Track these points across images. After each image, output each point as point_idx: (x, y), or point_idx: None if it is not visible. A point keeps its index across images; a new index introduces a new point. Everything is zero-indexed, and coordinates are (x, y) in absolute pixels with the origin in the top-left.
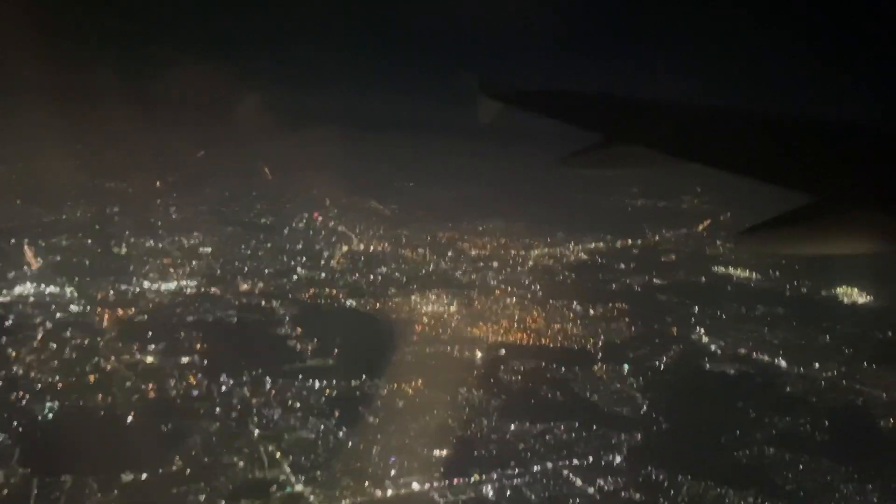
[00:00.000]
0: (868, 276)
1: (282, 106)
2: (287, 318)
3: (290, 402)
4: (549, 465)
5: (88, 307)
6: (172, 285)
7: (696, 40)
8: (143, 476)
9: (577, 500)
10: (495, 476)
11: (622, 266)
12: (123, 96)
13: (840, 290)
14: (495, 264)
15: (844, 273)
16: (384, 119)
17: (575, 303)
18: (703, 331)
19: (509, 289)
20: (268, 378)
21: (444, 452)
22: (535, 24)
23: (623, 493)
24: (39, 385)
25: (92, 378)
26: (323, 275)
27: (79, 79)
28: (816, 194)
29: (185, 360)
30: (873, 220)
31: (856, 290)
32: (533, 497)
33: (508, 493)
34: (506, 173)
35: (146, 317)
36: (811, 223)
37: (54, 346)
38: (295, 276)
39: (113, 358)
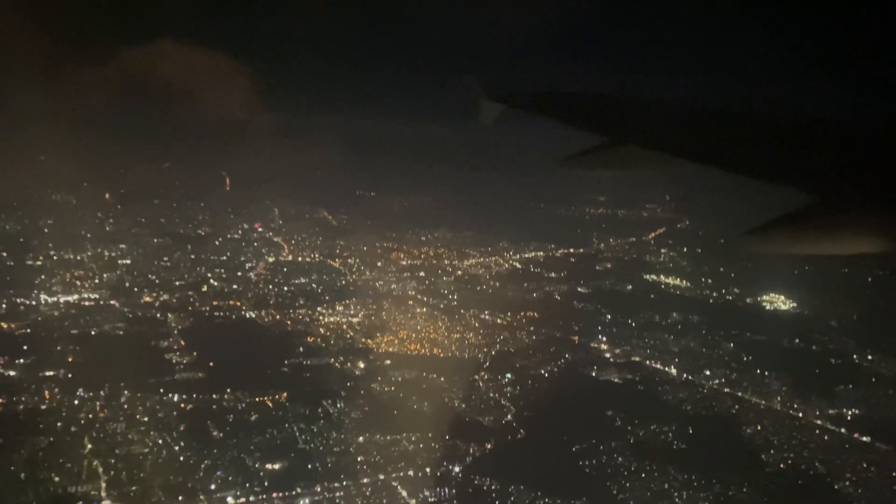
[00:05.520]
0: (806, 283)
1: (265, 116)
2: (176, 331)
3: (138, 417)
4: (381, 476)
5: None
6: (72, 298)
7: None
8: None
9: None
10: (319, 489)
11: (552, 274)
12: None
13: (766, 298)
14: (422, 274)
15: (783, 281)
16: (371, 128)
17: (486, 312)
18: (605, 339)
19: (425, 299)
20: (126, 392)
21: (277, 466)
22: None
23: None
24: None
25: None
26: (235, 286)
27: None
28: (817, 194)
29: (49, 373)
30: (875, 221)
31: (782, 297)
32: None
33: None
34: (476, 183)
35: (29, 330)
36: (814, 223)
37: None
38: (205, 288)
39: None
